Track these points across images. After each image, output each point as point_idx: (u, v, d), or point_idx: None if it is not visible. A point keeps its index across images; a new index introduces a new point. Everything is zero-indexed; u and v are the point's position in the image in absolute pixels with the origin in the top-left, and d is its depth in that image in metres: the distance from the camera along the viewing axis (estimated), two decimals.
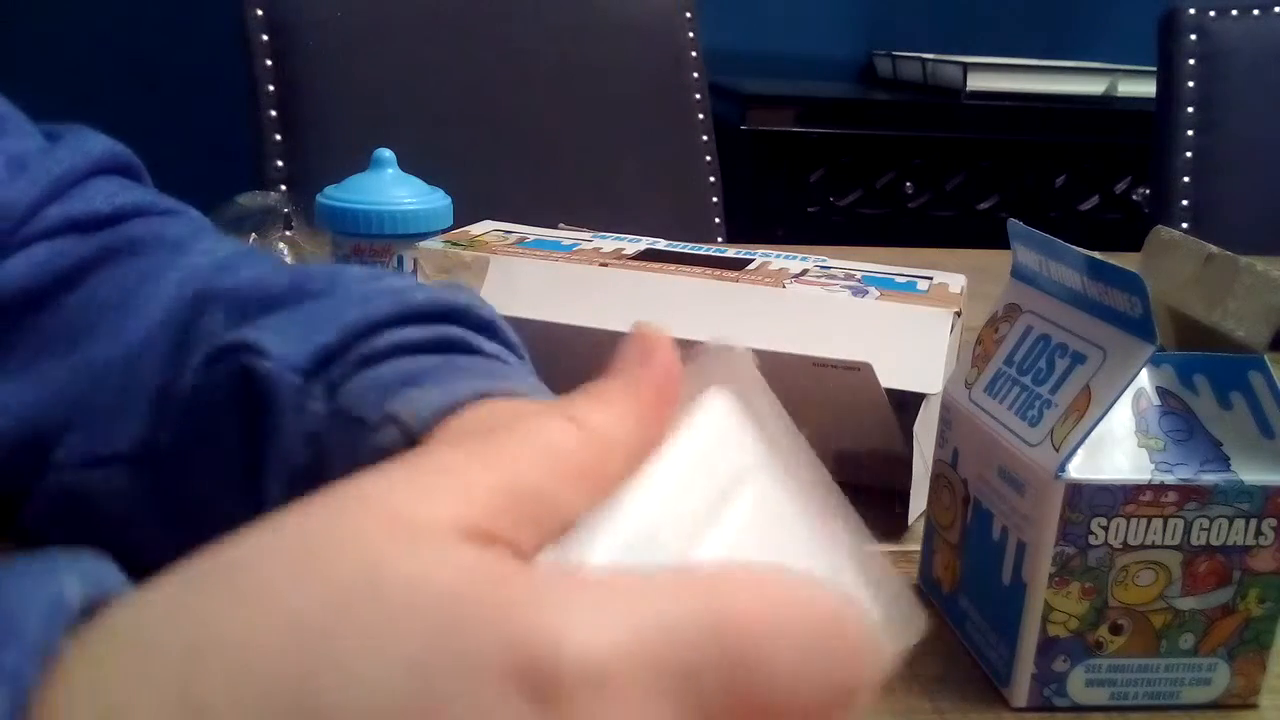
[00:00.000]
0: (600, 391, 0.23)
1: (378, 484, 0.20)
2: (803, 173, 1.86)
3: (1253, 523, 0.37)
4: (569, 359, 0.43)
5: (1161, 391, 0.38)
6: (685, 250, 0.64)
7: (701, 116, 1.34)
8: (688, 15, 1.34)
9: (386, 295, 0.36)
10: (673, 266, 0.59)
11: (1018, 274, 0.44)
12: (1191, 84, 1.35)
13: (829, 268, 0.61)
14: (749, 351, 0.23)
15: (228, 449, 0.36)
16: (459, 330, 0.37)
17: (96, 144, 0.45)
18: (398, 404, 0.32)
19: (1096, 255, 0.38)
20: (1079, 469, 0.37)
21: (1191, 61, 1.35)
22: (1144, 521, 0.37)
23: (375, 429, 0.32)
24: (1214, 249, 0.67)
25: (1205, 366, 0.38)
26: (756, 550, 0.21)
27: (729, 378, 0.23)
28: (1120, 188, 1.96)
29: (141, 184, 0.47)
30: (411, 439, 0.31)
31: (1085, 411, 0.37)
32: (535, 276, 0.59)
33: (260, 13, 1.16)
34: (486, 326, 0.38)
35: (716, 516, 0.21)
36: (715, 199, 1.34)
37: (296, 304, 0.37)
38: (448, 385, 0.32)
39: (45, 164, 0.42)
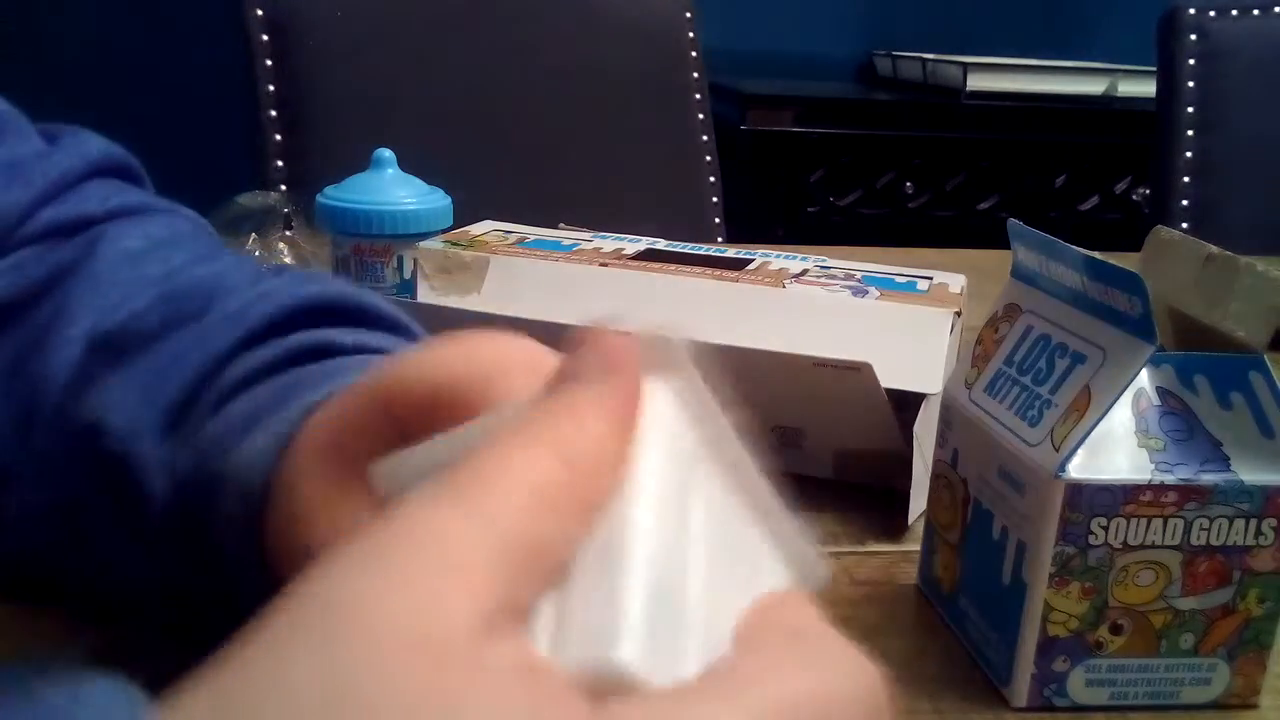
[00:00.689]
0: (571, 407, 0.21)
1: (368, 594, 0.17)
2: (803, 173, 1.86)
3: (1253, 523, 0.37)
4: None
5: (1161, 391, 0.38)
6: (685, 250, 0.64)
7: (701, 116, 1.34)
8: (688, 15, 1.34)
9: (228, 324, 0.36)
10: (673, 266, 0.59)
11: (1018, 274, 0.44)
12: (1191, 84, 1.35)
13: (829, 268, 0.61)
14: (684, 340, 0.23)
15: (106, 515, 0.35)
16: (312, 334, 0.36)
17: (94, 146, 0.44)
18: (233, 464, 0.32)
19: (1096, 255, 0.38)
20: (1079, 469, 0.37)
21: (1191, 61, 1.35)
22: (1144, 521, 0.37)
23: (222, 494, 0.32)
24: (1214, 249, 0.67)
25: (1205, 366, 0.38)
26: (717, 551, 0.22)
27: (667, 367, 0.23)
28: (1120, 188, 1.96)
29: (140, 186, 0.46)
30: (254, 497, 0.31)
31: (1085, 411, 0.37)
32: (535, 276, 0.59)
33: (260, 13, 1.16)
34: (352, 313, 0.37)
35: (687, 528, 0.22)
36: (715, 199, 1.34)
37: (156, 343, 0.36)
38: (281, 419, 0.32)
39: (40, 168, 0.41)
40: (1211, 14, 1.35)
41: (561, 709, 0.17)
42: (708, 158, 1.34)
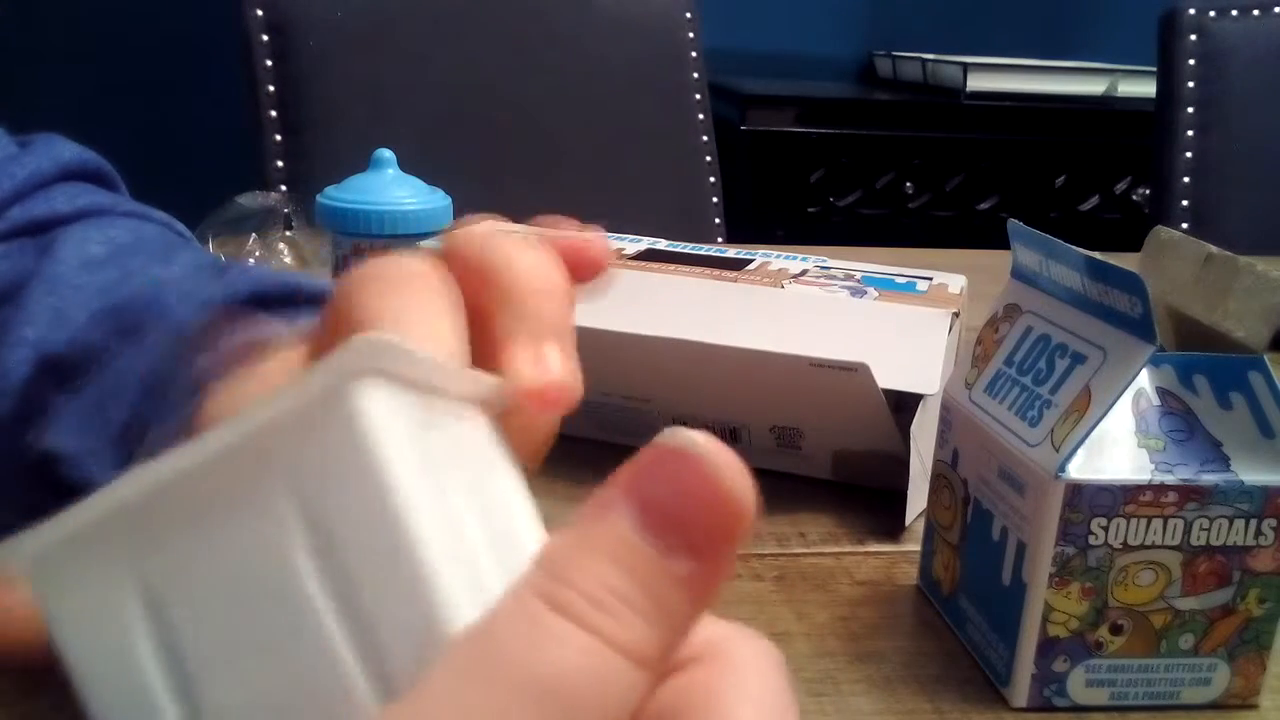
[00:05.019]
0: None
1: None
2: (803, 173, 1.86)
3: (1253, 523, 0.37)
4: None
5: (1161, 391, 0.38)
6: (685, 250, 0.64)
7: (701, 116, 1.34)
8: (688, 15, 1.34)
9: (168, 338, 0.37)
10: (673, 266, 0.59)
11: (1018, 274, 0.44)
12: (1191, 84, 1.35)
13: (829, 268, 0.61)
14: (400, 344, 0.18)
15: None
16: (252, 330, 0.36)
17: (66, 150, 0.44)
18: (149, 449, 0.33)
19: (1096, 255, 0.38)
20: (1079, 469, 0.37)
21: (1191, 61, 1.35)
22: (1144, 521, 0.37)
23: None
24: (1214, 249, 0.67)
25: (1205, 366, 0.38)
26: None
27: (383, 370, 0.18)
28: (1120, 188, 1.96)
29: (114, 190, 0.46)
30: None
31: (1085, 411, 0.37)
32: None
33: (260, 13, 1.16)
34: (292, 298, 0.38)
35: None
36: (715, 199, 1.34)
37: (100, 367, 0.37)
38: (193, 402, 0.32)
39: (9, 168, 0.42)
40: (1211, 14, 1.35)
41: None
42: (708, 158, 1.34)
